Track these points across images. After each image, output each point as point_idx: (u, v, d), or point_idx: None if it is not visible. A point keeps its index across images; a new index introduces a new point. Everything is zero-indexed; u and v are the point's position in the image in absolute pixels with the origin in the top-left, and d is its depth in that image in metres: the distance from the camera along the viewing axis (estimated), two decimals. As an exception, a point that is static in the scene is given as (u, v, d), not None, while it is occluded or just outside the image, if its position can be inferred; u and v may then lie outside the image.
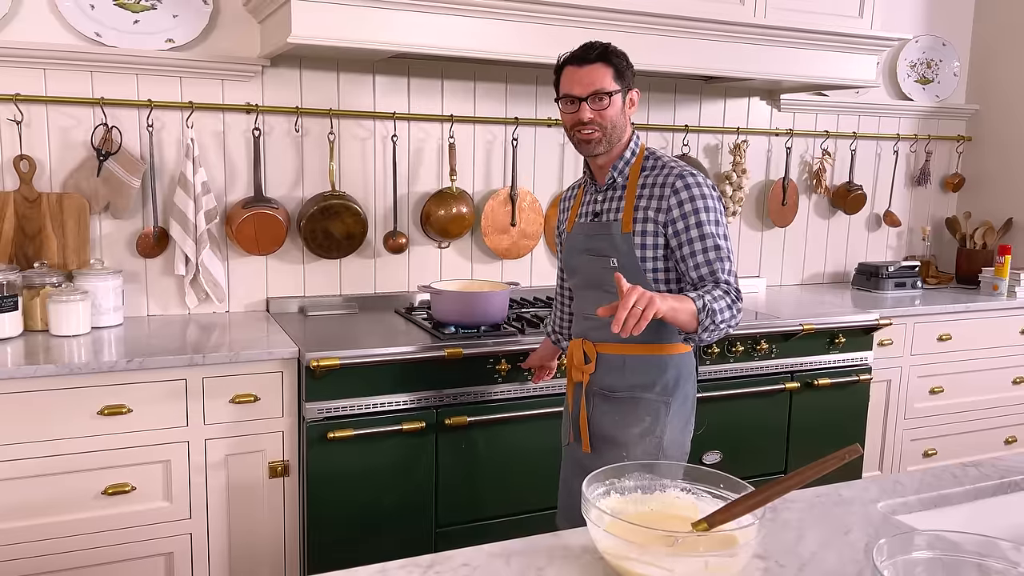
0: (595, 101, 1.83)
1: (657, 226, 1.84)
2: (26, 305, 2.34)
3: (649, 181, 1.87)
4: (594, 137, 1.85)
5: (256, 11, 2.55)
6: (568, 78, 1.86)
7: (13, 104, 2.39)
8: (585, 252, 1.94)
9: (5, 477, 2.03)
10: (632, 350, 1.89)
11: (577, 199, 2.04)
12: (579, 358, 1.95)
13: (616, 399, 1.91)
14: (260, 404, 2.26)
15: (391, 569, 1.14)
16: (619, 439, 1.90)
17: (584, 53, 1.84)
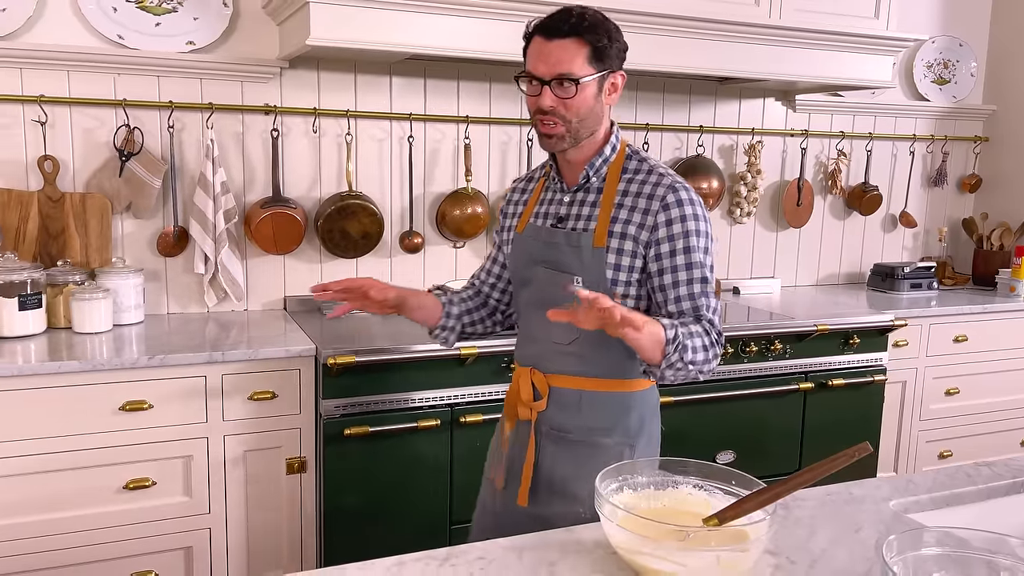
0: (559, 87, 1.48)
1: (637, 245, 1.53)
2: (50, 303, 2.39)
3: (632, 189, 1.55)
4: (556, 131, 1.51)
5: (275, 13, 2.59)
6: (534, 51, 1.50)
7: (38, 105, 2.44)
8: (541, 264, 1.61)
9: (29, 471, 2.07)
10: (591, 385, 1.59)
11: (534, 195, 1.70)
12: (527, 392, 1.62)
13: (570, 442, 1.60)
14: (278, 401, 2.30)
15: (408, 561, 1.16)
16: (573, 492, 1.57)
17: (553, 23, 1.48)
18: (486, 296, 1.83)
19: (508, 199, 1.77)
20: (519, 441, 1.65)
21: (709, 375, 1.56)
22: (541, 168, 1.73)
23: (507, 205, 1.76)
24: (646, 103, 3.25)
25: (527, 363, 1.65)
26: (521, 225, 1.68)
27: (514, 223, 1.71)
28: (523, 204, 1.72)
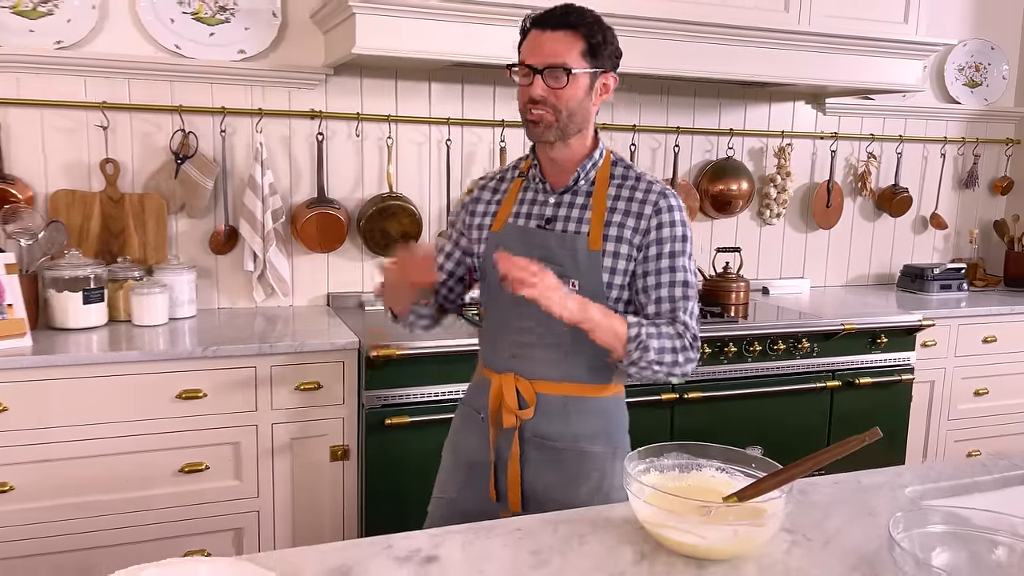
0: (552, 77, 1.49)
1: (632, 248, 1.56)
2: (111, 297, 2.53)
3: (624, 194, 1.59)
4: (543, 120, 1.51)
5: (321, 23, 2.72)
6: (529, 43, 1.53)
7: (100, 111, 2.59)
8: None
9: (92, 454, 2.21)
10: (575, 391, 1.60)
11: (510, 194, 1.67)
12: (511, 400, 1.60)
13: (555, 450, 1.61)
14: (322, 391, 2.42)
15: (452, 532, 1.27)
16: (560, 501, 1.56)
17: (551, 16, 1.51)
18: (436, 291, 1.78)
19: (475, 197, 1.73)
20: (504, 451, 1.63)
21: (683, 378, 1.62)
22: (514, 168, 1.72)
23: (474, 203, 1.72)
24: (677, 107, 3.33)
25: (506, 369, 1.62)
26: (498, 224, 1.65)
27: (487, 221, 1.67)
28: (496, 203, 1.68)
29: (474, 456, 1.68)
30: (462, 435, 1.74)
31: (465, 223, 1.73)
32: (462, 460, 1.72)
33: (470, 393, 1.76)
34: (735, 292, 3.18)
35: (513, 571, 1.14)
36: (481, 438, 1.67)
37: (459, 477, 1.71)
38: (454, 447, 1.76)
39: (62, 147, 2.59)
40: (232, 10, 2.67)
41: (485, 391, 1.66)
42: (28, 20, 2.49)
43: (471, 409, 1.72)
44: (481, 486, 1.67)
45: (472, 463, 1.69)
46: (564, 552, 1.20)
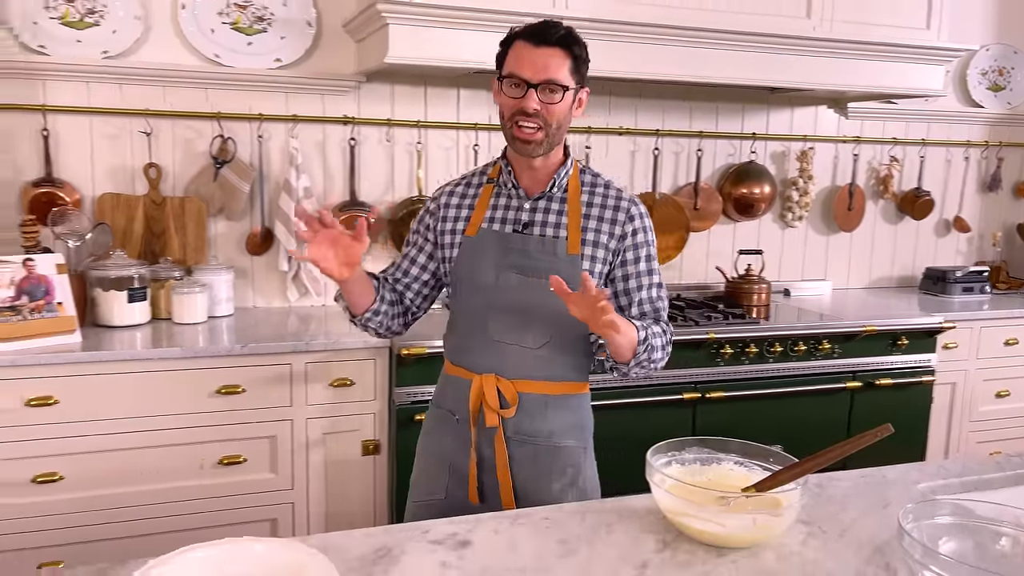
0: (545, 92, 1.54)
1: (608, 252, 1.65)
2: (153, 296, 2.64)
3: (596, 200, 1.67)
4: (536, 137, 1.57)
5: (354, 32, 2.81)
6: (518, 56, 1.56)
7: (144, 118, 2.70)
8: (512, 269, 1.63)
9: (136, 445, 2.32)
10: (555, 389, 1.66)
11: (481, 200, 1.70)
12: (493, 399, 1.63)
13: (533, 446, 1.66)
14: (355, 388, 2.51)
15: (484, 520, 1.34)
16: (534, 496, 1.64)
17: (542, 31, 1.55)
18: (401, 296, 1.78)
19: (443, 203, 1.74)
20: (486, 449, 1.67)
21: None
22: (481, 174, 1.75)
23: (442, 209, 1.73)
24: (700, 112, 3.39)
25: (486, 370, 1.65)
26: (472, 229, 1.68)
27: (459, 227, 1.70)
28: (468, 208, 1.71)
29: (451, 457, 1.71)
30: (435, 437, 1.76)
31: (437, 229, 1.74)
32: (441, 459, 1.73)
33: (440, 395, 1.77)
34: (757, 294, 3.24)
35: (542, 558, 1.22)
36: (456, 439, 1.70)
37: (443, 479, 1.72)
38: (431, 449, 1.77)
39: (108, 152, 2.71)
40: (269, 20, 2.77)
41: (460, 392, 1.69)
42: (76, 31, 2.60)
43: (444, 411, 1.74)
44: (462, 488, 1.70)
45: (450, 464, 1.71)
46: (591, 541, 1.27)
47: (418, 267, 1.78)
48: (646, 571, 1.18)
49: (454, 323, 1.75)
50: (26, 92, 2.59)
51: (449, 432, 1.72)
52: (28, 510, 2.24)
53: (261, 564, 1.10)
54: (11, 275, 2.26)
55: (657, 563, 1.20)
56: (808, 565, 1.21)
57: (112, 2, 2.62)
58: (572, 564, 1.19)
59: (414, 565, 1.18)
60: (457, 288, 1.71)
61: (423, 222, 1.78)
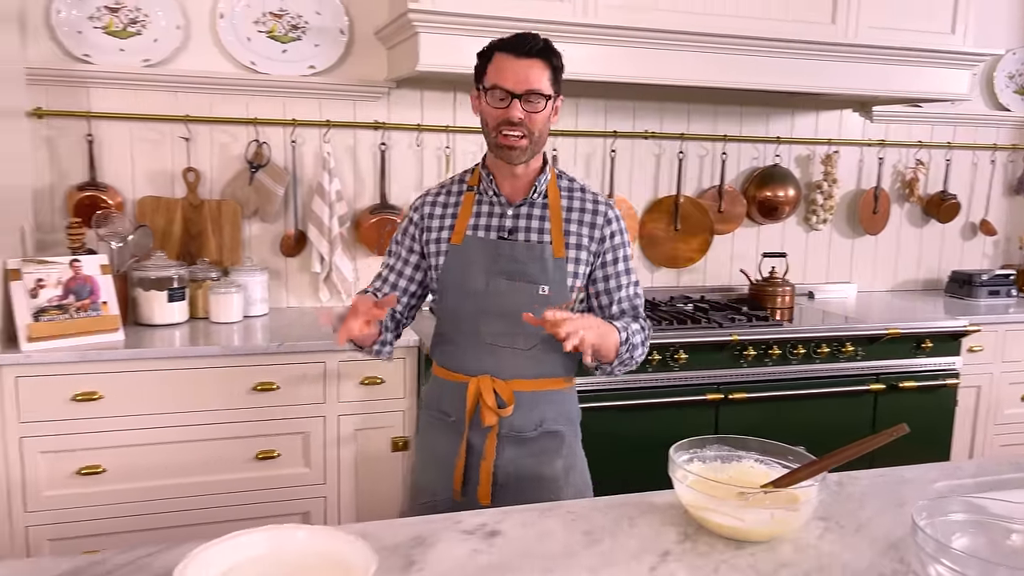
0: (528, 102, 1.60)
1: (589, 254, 1.73)
2: (191, 295, 2.74)
3: (576, 205, 1.74)
4: (520, 144, 1.62)
5: (385, 40, 2.88)
6: (500, 68, 1.61)
7: (183, 124, 2.80)
8: (500, 275, 1.69)
9: (176, 440, 2.40)
10: (546, 385, 1.75)
11: (464, 208, 1.75)
12: (491, 399, 1.70)
13: (527, 439, 1.75)
14: (385, 386, 2.58)
15: (513, 512, 1.40)
16: (545, 475, 1.75)
17: (523, 43, 1.61)
18: (392, 310, 1.81)
19: (425, 212, 1.78)
20: (478, 448, 1.73)
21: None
22: (460, 182, 1.80)
23: (425, 219, 1.77)
24: (725, 115, 3.42)
25: (479, 372, 1.71)
26: (457, 237, 1.72)
27: (444, 235, 1.74)
28: (451, 216, 1.75)
29: (449, 458, 1.77)
30: (432, 438, 1.82)
31: (422, 239, 1.78)
32: (441, 460, 1.79)
33: (432, 398, 1.83)
34: (780, 296, 3.27)
35: (568, 547, 1.28)
36: (450, 439, 1.77)
37: (447, 476, 1.78)
38: (430, 452, 1.83)
39: (148, 157, 2.81)
40: (303, 28, 2.86)
41: (455, 394, 1.75)
42: (119, 40, 2.71)
43: (439, 413, 1.80)
44: (465, 485, 1.76)
45: (447, 461, 1.77)
46: (614, 532, 1.33)
47: (406, 279, 1.82)
48: (667, 560, 1.23)
49: (443, 328, 1.80)
50: (71, 99, 2.69)
51: (444, 432, 1.79)
52: (72, 501, 2.34)
53: (304, 549, 1.17)
54: (59, 275, 2.36)
55: (678, 553, 1.25)
56: (824, 557, 1.25)
57: (154, 12, 2.72)
58: (596, 553, 1.25)
59: (447, 552, 1.24)
60: (445, 295, 1.76)
61: (407, 233, 1.81)
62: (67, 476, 2.32)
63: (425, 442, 1.86)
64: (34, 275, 2.32)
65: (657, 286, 3.48)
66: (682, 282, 3.52)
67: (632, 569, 1.21)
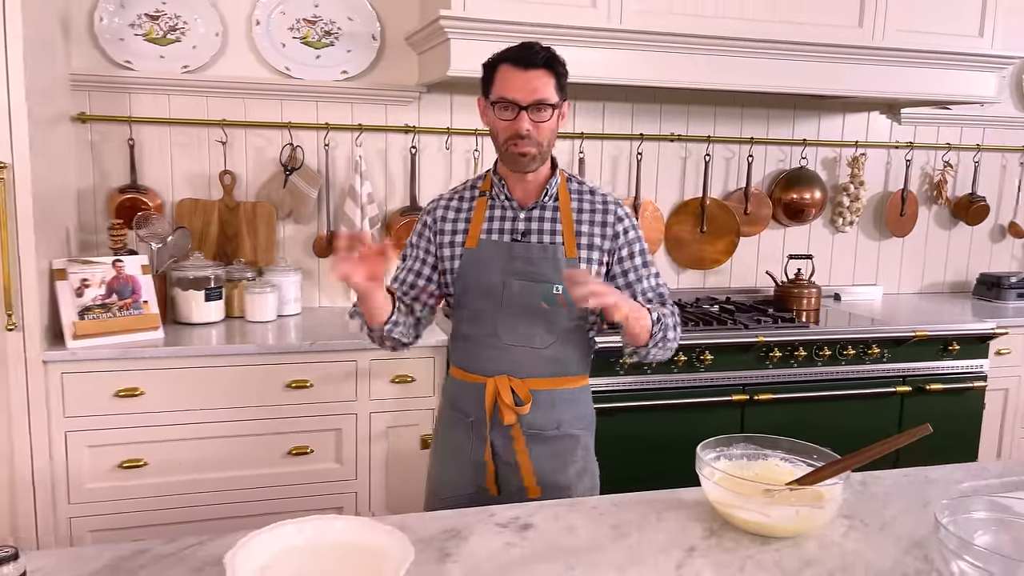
0: (536, 112, 1.64)
1: (602, 253, 1.77)
2: (227, 295, 2.81)
3: (586, 206, 1.79)
4: (530, 153, 1.67)
5: (416, 45, 2.94)
6: (506, 80, 1.65)
7: (220, 128, 2.88)
8: (515, 276, 1.74)
9: (212, 435, 2.48)
10: (562, 384, 1.79)
11: (477, 213, 1.80)
12: (509, 398, 1.74)
13: (547, 438, 1.78)
14: (415, 384, 2.63)
15: (544, 506, 1.45)
16: (559, 482, 1.79)
17: (527, 55, 1.65)
18: (411, 308, 1.86)
19: (439, 216, 1.83)
20: (505, 445, 1.78)
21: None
22: (472, 187, 1.85)
23: (439, 222, 1.82)
24: (751, 118, 3.44)
25: (497, 372, 1.76)
26: (472, 241, 1.77)
27: (458, 239, 1.79)
28: (464, 221, 1.80)
29: (469, 455, 1.82)
30: (452, 438, 1.86)
31: (436, 243, 1.83)
32: (460, 459, 1.84)
33: (453, 398, 1.87)
34: (806, 298, 3.28)
35: (596, 540, 1.32)
36: (468, 439, 1.82)
37: (466, 476, 1.83)
38: (450, 450, 1.87)
39: (186, 160, 2.89)
40: (336, 34, 2.92)
41: (473, 394, 1.79)
42: (159, 47, 2.79)
43: (459, 413, 1.84)
44: (479, 481, 1.82)
45: (471, 462, 1.82)
46: (642, 527, 1.37)
47: (424, 279, 1.86)
48: (694, 554, 1.27)
49: (460, 330, 1.84)
50: (114, 104, 2.78)
51: (464, 432, 1.83)
52: (114, 493, 2.41)
53: (343, 540, 1.22)
54: (102, 275, 2.45)
55: (704, 548, 1.29)
56: (848, 555, 1.28)
57: (192, 19, 2.80)
58: (624, 546, 1.29)
59: (481, 544, 1.29)
60: (462, 298, 1.80)
61: (421, 235, 1.86)
62: (109, 469, 2.40)
63: (445, 440, 1.90)
64: (79, 275, 2.41)
65: (683, 288, 3.50)
66: (708, 284, 3.54)
67: (659, 563, 1.25)
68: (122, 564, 1.22)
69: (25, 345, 2.28)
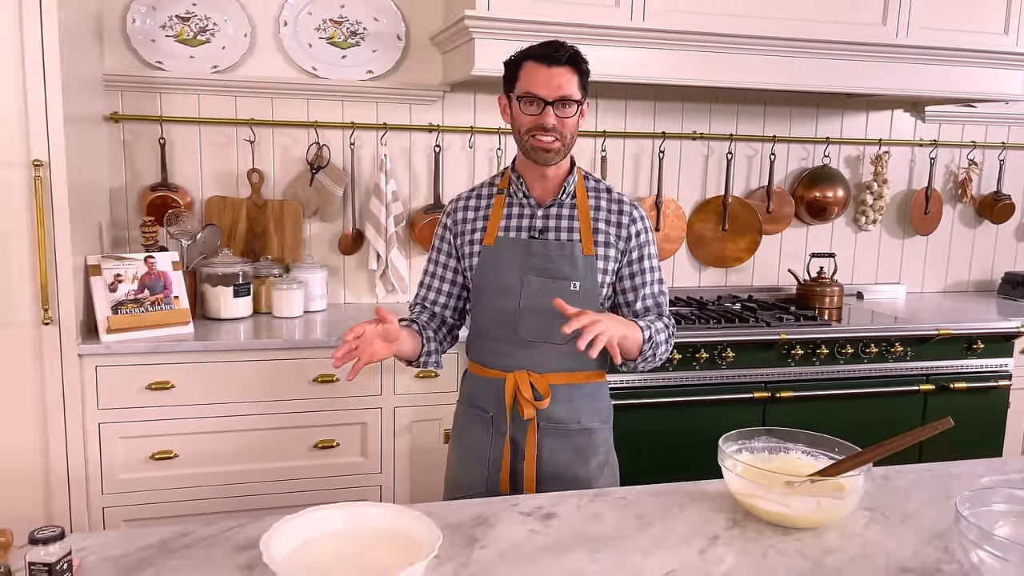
0: (560, 107, 1.67)
1: (617, 252, 1.80)
2: (255, 291, 2.86)
3: (603, 205, 1.81)
4: (554, 147, 1.69)
5: (440, 45, 2.98)
6: (531, 75, 1.68)
7: (248, 127, 2.93)
8: (533, 272, 1.76)
9: (241, 428, 2.53)
10: (580, 379, 1.81)
11: (495, 211, 1.83)
12: (529, 393, 1.76)
13: (566, 433, 1.81)
14: (439, 380, 2.67)
15: (566, 497, 1.48)
16: (579, 476, 1.80)
17: (553, 52, 1.67)
18: (442, 317, 1.92)
19: (458, 218, 1.87)
20: (519, 440, 1.80)
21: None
22: (490, 185, 1.88)
23: (459, 223, 1.86)
24: (774, 116, 3.45)
25: (516, 367, 1.78)
26: (490, 238, 1.80)
27: (476, 237, 1.82)
28: (483, 219, 1.83)
29: (487, 452, 1.84)
30: (470, 434, 1.88)
31: (456, 243, 1.87)
32: (478, 455, 1.86)
33: (471, 395, 1.89)
34: (828, 296, 3.28)
35: (620, 529, 1.34)
36: (486, 435, 1.83)
37: (482, 473, 1.84)
38: (467, 447, 1.89)
39: (215, 159, 2.95)
40: (362, 35, 2.97)
41: (492, 390, 1.82)
42: (189, 47, 2.85)
43: (477, 410, 1.87)
44: (496, 476, 1.83)
45: (488, 459, 1.84)
46: (665, 517, 1.40)
47: (448, 283, 1.91)
48: (716, 543, 1.29)
49: (479, 327, 1.86)
50: (145, 104, 2.84)
51: (483, 428, 1.85)
52: (146, 484, 2.47)
53: (375, 525, 1.26)
54: (135, 271, 2.50)
55: (727, 537, 1.31)
56: (869, 545, 1.30)
57: (222, 20, 2.85)
58: (647, 535, 1.32)
59: (507, 531, 1.32)
60: (480, 294, 1.83)
61: (443, 239, 1.90)
62: (141, 460, 2.46)
63: (462, 438, 1.92)
64: (112, 271, 2.47)
65: (704, 286, 3.51)
66: (730, 282, 3.55)
67: (682, 551, 1.27)
68: (168, 543, 1.27)
69: (61, 339, 2.34)
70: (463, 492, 1.86)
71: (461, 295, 1.92)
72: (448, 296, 1.92)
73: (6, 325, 2.30)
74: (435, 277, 1.92)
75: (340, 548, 1.21)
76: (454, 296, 1.92)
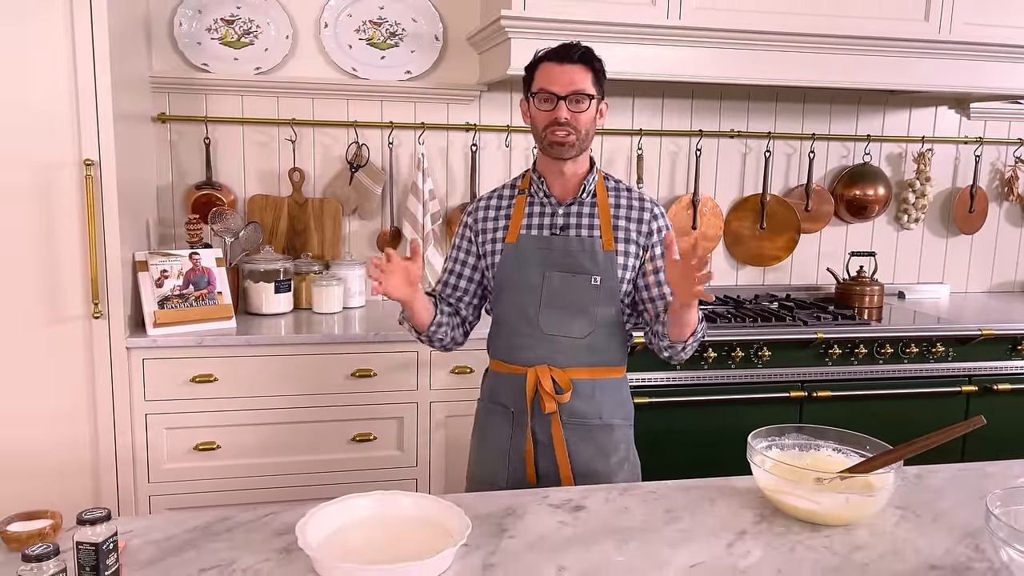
0: (573, 102, 1.73)
1: (638, 248, 1.83)
2: (295, 287, 2.93)
3: (623, 203, 1.85)
4: (568, 140, 1.74)
5: (477, 45, 3.01)
6: (545, 74, 1.75)
7: (290, 127, 3.00)
8: (555, 268, 1.80)
9: (281, 420, 2.59)
10: (601, 374, 1.83)
11: (516, 209, 1.87)
12: (550, 387, 1.78)
13: (588, 428, 1.83)
14: (474, 375, 2.70)
15: (596, 491, 1.50)
16: (599, 471, 1.82)
17: (565, 51, 1.75)
18: (457, 308, 1.96)
19: (480, 217, 1.92)
20: (542, 434, 1.82)
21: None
22: (512, 186, 1.93)
23: (480, 222, 1.91)
24: (813, 113, 3.41)
25: (537, 362, 1.80)
26: (512, 236, 1.84)
27: (499, 235, 1.86)
28: (504, 218, 1.88)
29: (507, 447, 1.87)
30: (491, 429, 1.91)
31: (478, 241, 1.91)
32: (499, 450, 1.89)
33: (491, 391, 1.93)
34: (868, 295, 3.24)
35: (649, 522, 1.36)
36: (512, 429, 1.86)
37: (503, 468, 1.87)
38: (488, 442, 1.92)
39: (258, 158, 3.02)
40: (400, 36, 3.01)
41: (513, 386, 1.85)
42: (233, 49, 2.92)
43: (497, 405, 1.90)
44: (520, 473, 1.85)
45: (508, 453, 1.87)
46: (694, 511, 1.41)
47: (466, 279, 1.95)
48: (744, 537, 1.30)
49: (501, 324, 1.90)
50: (191, 105, 2.93)
51: (504, 423, 1.88)
52: (190, 474, 2.54)
53: (407, 513, 1.29)
54: (180, 267, 2.58)
55: (754, 532, 1.32)
56: (899, 542, 1.30)
57: (265, 23, 2.92)
58: (676, 528, 1.33)
59: (536, 522, 1.34)
60: (502, 292, 1.87)
61: (464, 237, 1.95)
62: (185, 451, 2.53)
63: (483, 433, 1.95)
64: (159, 266, 2.55)
65: (742, 284, 3.50)
66: (767, 281, 3.52)
67: (711, 544, 1.28)
68: (210, 527, 1.32)
69: (110, 332, 2.42)
70: (484, 487, 1.88)
71: (477, 292, 1.96)
72: (465, 291, 1.96)
73: (58, 320, 2.39)
74: (452, 272, 1.96)
75: (372, 535, 1.25)
76: (470, 292, 1.96)
